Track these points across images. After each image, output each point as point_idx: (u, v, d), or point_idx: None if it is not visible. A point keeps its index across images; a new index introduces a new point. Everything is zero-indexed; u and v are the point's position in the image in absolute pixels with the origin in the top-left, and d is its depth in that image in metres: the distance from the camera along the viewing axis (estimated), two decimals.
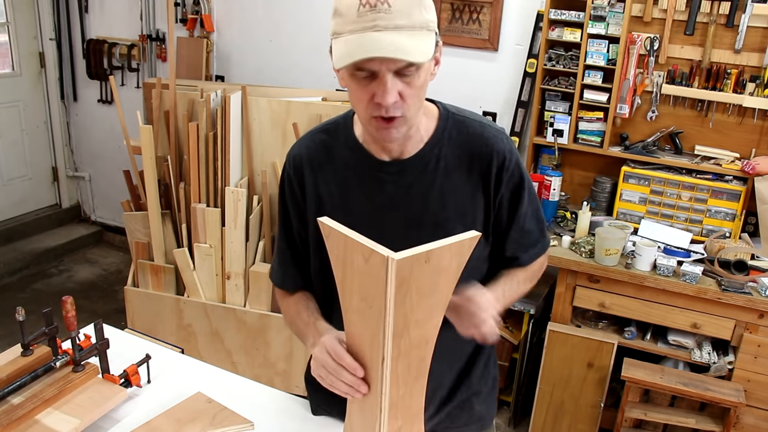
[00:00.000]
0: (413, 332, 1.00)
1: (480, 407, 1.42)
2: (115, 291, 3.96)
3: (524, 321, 2.83)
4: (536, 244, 1.32)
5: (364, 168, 1.22)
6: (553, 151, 2.90)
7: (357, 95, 1.08)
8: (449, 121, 1.23)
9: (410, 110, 1.08)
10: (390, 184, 1.21)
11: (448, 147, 1.21)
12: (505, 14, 3.08)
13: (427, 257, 0.93)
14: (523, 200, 1.26)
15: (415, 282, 0.94)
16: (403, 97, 1.05)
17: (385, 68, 1.01)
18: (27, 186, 4.50)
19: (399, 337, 0.98)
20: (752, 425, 2.47)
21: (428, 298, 0.98)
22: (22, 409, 1.27)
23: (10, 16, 4.17)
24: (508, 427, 2.99)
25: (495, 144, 1.22)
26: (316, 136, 1.28)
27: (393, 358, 0.99)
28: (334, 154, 1.24)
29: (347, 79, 1.08)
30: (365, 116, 1.10)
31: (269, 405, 1.45)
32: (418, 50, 1.01)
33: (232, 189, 2.84)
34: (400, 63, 1.01)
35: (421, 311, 0.98)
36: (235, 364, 3.02)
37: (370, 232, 1.17)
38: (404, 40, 0.99)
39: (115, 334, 1.63)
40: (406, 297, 0.94)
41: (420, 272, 0.94)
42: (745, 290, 2.34)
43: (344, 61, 1.01)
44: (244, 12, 3.70)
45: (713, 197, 2.66)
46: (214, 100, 2.85)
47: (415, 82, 1.05)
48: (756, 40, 2.56)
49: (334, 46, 1.05)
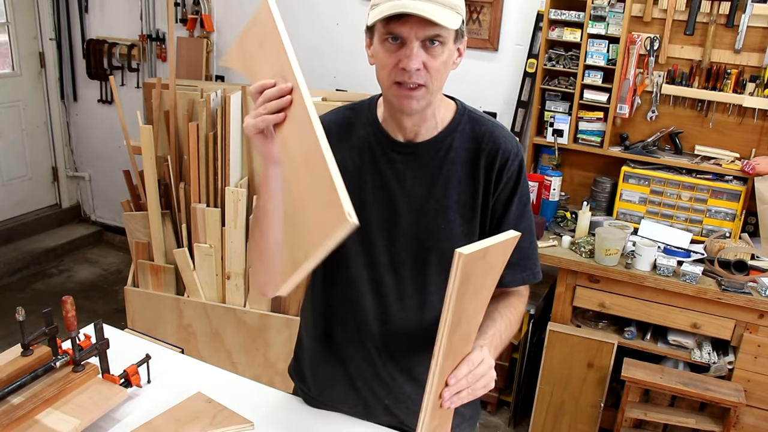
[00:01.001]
0: (463, 328, 1.03)
1: (464, 409, 1.42)
2: (115, 291, 3.96)
3: (524, 321, 2.83)
4: (524, 269, 1.30)
5: (379, 145, 1.27)
6: (553, 151, 2.91)
7: (384, 61, 1.14)
8: (465, 116, 1.29)
9: (432, 83, 1.14)
10: (401, 164, 1.26)
11: (460, 140, 1.26)
12: (505, 14, 3.08)
13: (485, 254, 0.97)
14: (512, 205, 1.27)
15: (473, 278, 0.98)
16: (426, 68, 1.12)
17: (413, 34, 1.09)
18: (27, 186, 4.50)
19: (453, 333, 1.00)
20: (752, 425, 2.47)
21: (478, 294, 1.02)
22: (22, 409, 1.27)
23: (10, 16, 4.17)
24: (508, 427, 2.99)
25: (503, 143, 1.26)
26: (342, 111, 1.34)
27: (444, 356, 1.01)
28: (353, 130, 1.30)
29: (377, 46, 1.15)
30: (388, 82, 1.15)
31: (269, 405, 1.45)
32: (446, 19, 1.09)
33: (232, 189, 2.84)
34: (428, 31, 1.09)
35: (471, 307, 1.03)
36: (235, 364, 3.02)
37: (377, 208, 1.24)
38: (434, 9, 1.07)
39: (115, 334, 1.63)
40: (464, 293, 0.98)
41: (477, 268, 0.98)
42: (745, 290, 2.34)
43: (378, 16, 1.09)
44: (244, 12, 3.70)
45: (713, 197, 2.66)
46: (214, 100, 2.85)
47: (439, 56, 1.13)
48: (756, 40, 2.56)
49: (371, 13, 1.13)
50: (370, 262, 1.29)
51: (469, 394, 1.08)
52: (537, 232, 2.65)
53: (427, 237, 1.26)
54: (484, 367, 1.09)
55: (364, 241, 1.28)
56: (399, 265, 1.28)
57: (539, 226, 2.68)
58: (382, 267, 1.29)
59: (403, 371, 1.35)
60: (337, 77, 3.52)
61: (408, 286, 1.29)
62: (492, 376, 1.11)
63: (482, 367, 1.09)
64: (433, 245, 1.26)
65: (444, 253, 1.25)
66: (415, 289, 1.29)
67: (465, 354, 1.08)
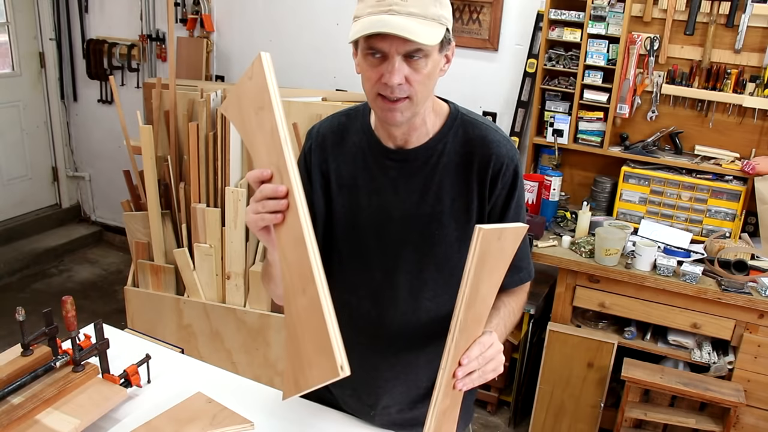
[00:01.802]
0: (478, 307, 1.06)
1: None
2: (115, 291, 3.96)
3: (524, 321, 2.83)
4: (521, 269, 1.32)
5: (371, 151, 1.28)
6: (553, 151, 2.91)
7: (367, 74, 1.14)
8: (457, 120, 1.27)
9: (417, 95, 1.14)
10: (393, 171, 1.26)
11: (452, 144, 1.25)
12: (505, 14, 3.08)
13: (500, 234, 1.01)
14: (509, 211, 1.27)
15: (489, 256, 1.01)
16: (409, 81, 1.12)
17: (394, 50, 1.09)
18: (27, 186, 4.50)
19: (468, 309, 1.04)
20: (752, 425, 2.47)
21: (493, 276, 1.06)
22: (22, 409, 1.27)
23: (10, 16, 4.17)
24: (508, 427, 2.99)
25: (497, 148, 1.24)
26: (337, 117, 1.35)
27: (460, 330, 1.04)
28: (347, 137, 1.31)
29: (360, 59, 1.15)
30: (372, 94, 1.16)
31: (269, 405, 1.44)
32: (425, 35, 1.07)
33: (232, 189, 2.84)
34: (408, 46, 1.08)
35: (486, 287, 1.06)
36: (235, 364, 3.02)
37: (370, 214, 1.25)
38: (414, 25, 1.06)
39: (115, 334, 1.63)
40: (481, 270, 1.02)
41: (493, 248, 1.02)
42: (745, 290, 2.34)
43: (356, 35, 1.09)
44: (244, 12, 3.70)
45: (713, 197, 2.66)
46: (214, 100, 2.85)
47: (422, 69, 1.11)
48: (756, 40, 2.56)
49: (352, 28, 1.13)
50: (363, 267, 1.30)
51: (480, 376, 1.10)
52: (537, 232, 2.67)
53: (421, 243, 1.26)
54: (493, 350, 1.11)
55: (359, 248, 1.29)
56: (394, 271, 1.28)
57: (539, 226, 2.69)
58: (378, 273, 1.29)
59: (399, 375, 1.36)
60: (337, 77, 3.51)
61: (403, 291, 1.29)
62: (501, 360, 1.13)
63: (492, 350, 1.11)
64: (427, 251, 1.26)
65: (438, 259, 1.26)
66: (410, 294, 1.29)
67: (476, 336, 1.10)
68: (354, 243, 1.30)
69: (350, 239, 1.30)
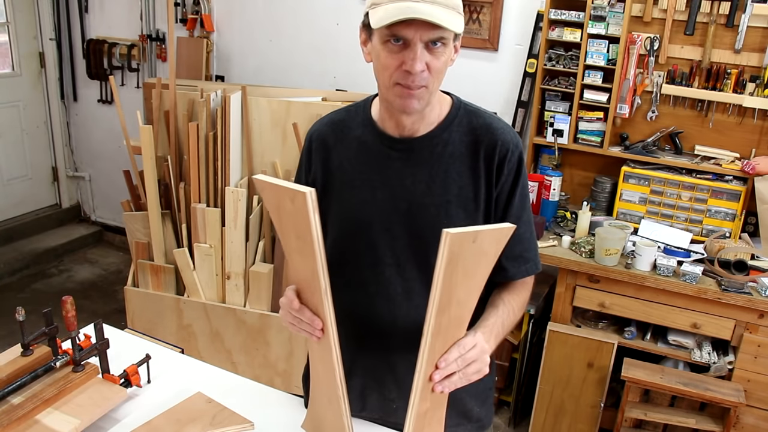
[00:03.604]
0: (453, 311, 1.05)
1: (473, 405, 1.41)
2: (115, 291, 3.96)
3: (524, 321, 2.83)
4: (527, 260, 1.31)
5: (375, 143, 1.28)
6: (553, 151, 2.90)
7: (385, 63, 1.14)
8: (461, 109, 1.29)
9: (433, 84, 1.15)
10: (398, 161, 1.26)
11: (457, 133, 1.26)
12: (505, 14, 3.08)
13: (475, 237, 1.00)
14: (514, 197, 1.27)
15: (462, 260, 1.00)
16: (429, 69, 1.13)
17: (418, 37, 1.09)
18: (27, 186, 4.50)
19: (441, 314, 1.03)
20: (752, 425, 2.47)
21: (470, 279, 1.04)
22: (22, 409, 1.27)
23: (10, 16, 4.17)
24: (508, 427, 2.99)
25: (501, 135, 1.26)
26: (337, 114, 1.35)
27: (433, 335, 1.03)
28: (348, 132, 1.31)
29: (378, 47, 1.14)
30: (389, 83, 1.15)
31: (269, 405, 1.45)
32: (452, 23, 1.10)
33: (232, 189, 2.84)
34: (433, 33, 1.09)
35: (463, 291, 1.04)
36: (235, 364, 3.02)
37: (377, 207, 1.25)
38: (440, 12, 1.08)
39: (115, 334, 1.63)
40: (453, 274, 1.00)
41: (467, 251, 1.00)
42: (745, 290, 2.34)
43: (384, 21, 1.08)
44: (244, 12, 3.70)
45: (713, 197, 2.66)
46: (214, 100, 2.85)
47: (441, 57, 1.13)
48: (756, 40, 2.56)
49: (372, 13, 1.12)
50: (374, 262, 1.28)
51: (461, 378, 1.09)
52: (537, 232, 2.66)
53: (429, 233, 1.23)
54: (476, 351, 1.09)
55: (366, 242, 1.27)
56: (404, 264, 1.27)
57: (539, 226, 2.69)
58: (388, 267, 1.28)
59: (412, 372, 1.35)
60: (337, 77, 3.51)
61: (415, 284, 1.28)
62: (485, 361, 1.11)
63: (474, 352, 1.09)
64: (436, 241, 1.25)
65: None
66: (422, 287, 1.26)
67: (457, 338, 1.09)
68: (361, 238, 1.28)
69: (358, 234, 1.29)
